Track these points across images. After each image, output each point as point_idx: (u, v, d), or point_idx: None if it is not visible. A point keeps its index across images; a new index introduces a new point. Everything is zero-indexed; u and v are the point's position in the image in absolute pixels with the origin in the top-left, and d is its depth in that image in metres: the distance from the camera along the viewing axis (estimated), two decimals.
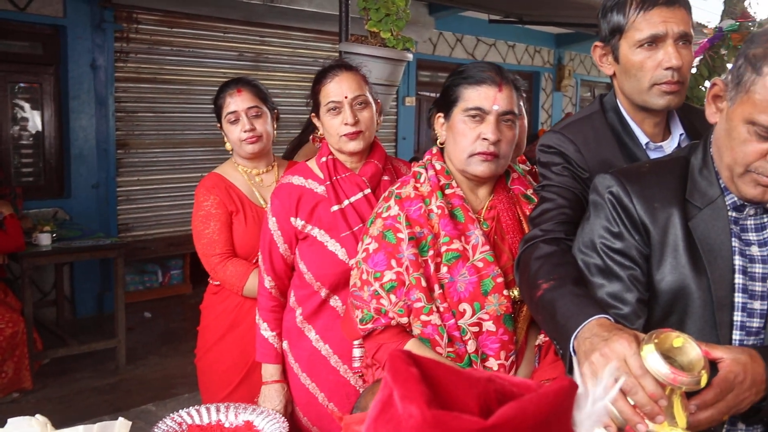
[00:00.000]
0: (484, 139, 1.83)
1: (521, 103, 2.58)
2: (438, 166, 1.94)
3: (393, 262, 1.84)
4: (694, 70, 4.21)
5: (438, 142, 1.98)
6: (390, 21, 3.34)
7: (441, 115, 1.96)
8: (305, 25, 7.34)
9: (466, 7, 7.85)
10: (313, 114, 2.40)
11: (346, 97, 2.27)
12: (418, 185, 1.92)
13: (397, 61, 3.41)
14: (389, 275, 1.84)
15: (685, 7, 1.74)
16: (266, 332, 2.40)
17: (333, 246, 2.26)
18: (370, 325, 1.87)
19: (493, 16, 8.91)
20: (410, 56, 3.49)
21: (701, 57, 4.20)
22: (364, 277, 1.88)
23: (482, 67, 1.90)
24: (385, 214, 1.91)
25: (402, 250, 1.83)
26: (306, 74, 7.39)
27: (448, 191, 1.91)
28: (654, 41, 1.71)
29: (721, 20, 4.24)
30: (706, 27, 4.81)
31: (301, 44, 7.56)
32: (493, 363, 1.82)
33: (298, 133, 3.91)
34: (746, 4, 4.38)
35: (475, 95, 1.86)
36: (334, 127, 2.28)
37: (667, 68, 1.71)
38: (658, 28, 1.70)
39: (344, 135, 2.26)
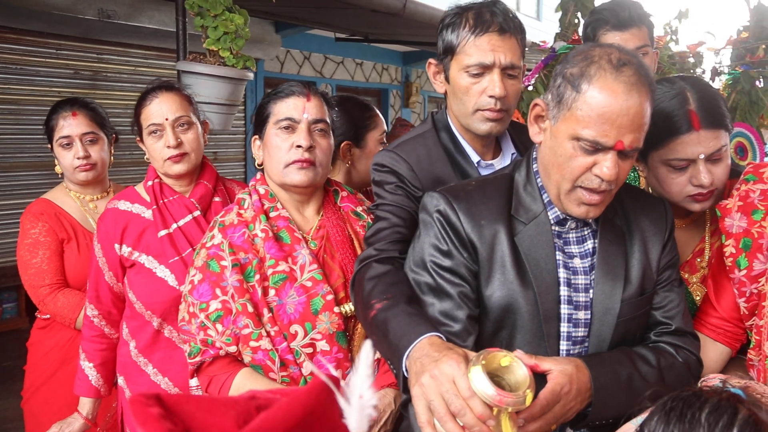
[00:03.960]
0: (298, 146, 1.84)
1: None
2: (262, 191, 1.93)
3: (218, 291, 1.79)
4: (530, 88, 4.45)
5: (256, 164, 1.96)
6: (229, 39, 3.27)
7: (256, 137, 1.96)
8: (146, 43, 7.07)
9: (311, 25, 7.87)
10: (138, 138, 2.31)
11: (167, 119, 2.20)
12: (242, 211, 1.89)
13: (237, 80, 3.35)
14: (215, 305, 1.79)
15: (516, 37, 1.78)
16: (84, 363, 2.30)
17: (162, 272, 2.18)
18: (198, 358, 1.81)
19: (339, 34, 9.00)
20: (251, 75, 3.44)
21: (537, 76, 4.45)
22: (191, 309, 1.83)
23: (290, 83, 1.93)
24: (209, 244, 1.87)
25: (226, 278, 1.79)
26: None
27: (272, 214, 1.89)
28: (481, 69, 1.75)
29: (555, 41, 4.52)
30: (541, 46, 5.11)
31: (142, 62, 7.27)
32: None
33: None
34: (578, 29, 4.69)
35: (285, 107, 1.88)
36: (158, 150, 2.21)
37: (491, 96, 1.75)
38: (487, 56, 1.74)
39: (168, 158, 2.19)
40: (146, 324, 2.22)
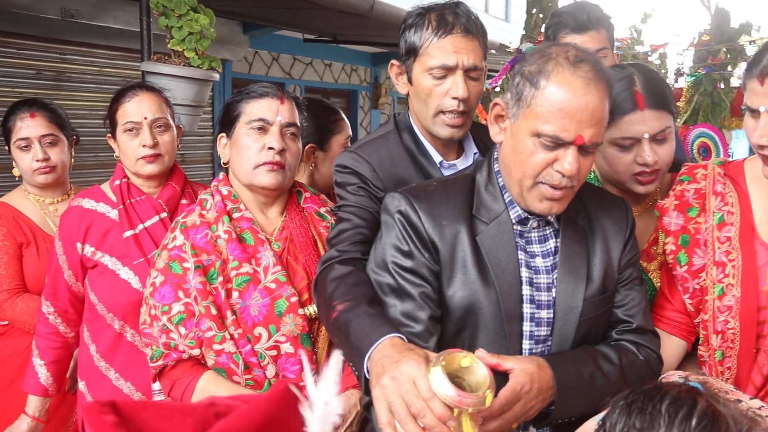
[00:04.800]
0: (270, 148, 1.83)
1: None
2: (225, 191, 1.91)
3: (180, 293, 1.77)
4: (498, 89, 4.48)
5: (222, 162, 1.94)
6: (194, 40, 3.24)
7: (223, 135, 1.93)
8: (111, 43, 6.97)
9: (279, 26, 7.84)
10: (108, 135, 2.28)
11: (145, 118, 2.18)
12: (204, 212, 1.87)
13: (202, 81, 3.32)
14: (177, 307, 1.77)
15: (478, 39, 1.79)
16: (35, 359, 2.27)
17: (126, 274, 2.15)
18: (160, 362, 1.79)
19: (307, 35, 8.97)
20: (217, 76, 3.41)
21: (504, 77, 4.48)
22: (153, 312, 1.80)
23: (263, 85, 1.91)
24: (170, 245, 1.84)
25: (189, 280, 1.77)
26: (113, 94, 7.00)
27: (235, 215, 1.87)
28: (444, 70, 1.76)
29: (521, 43, 4.56)
30: (509, 48, 5.14)
31: (108, 63, 7.17)
32: None
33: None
34: (543, 29, 4.74)
35: (258, 107, 1.86)
36: (132, 149, 2.19)
37: (454, 98, 1.76)
38: (450, 58, 1.74)
39: (142, 158, 2.17)
40: (107, 327, 2.19)
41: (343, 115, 2.61)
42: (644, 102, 1.78)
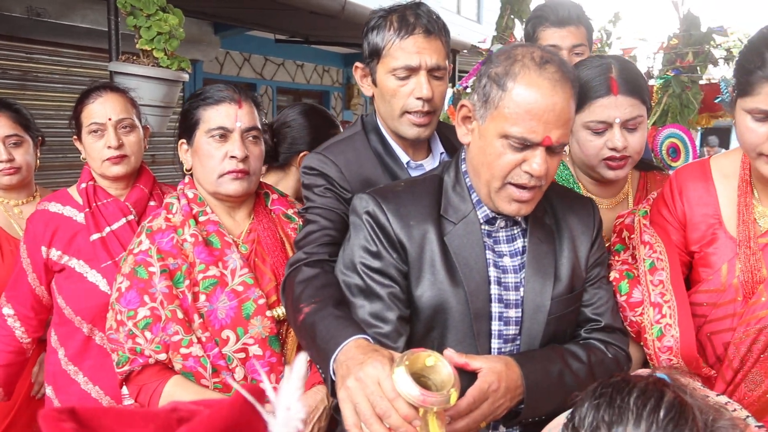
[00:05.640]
0: (232, 157, 1.81)
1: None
2: (191, 195, 1.89)
3: (146, 298, 1.75)
4: (468, 90, 4.49)
5: (185, 169, 1.92)
6: (162, 40, 3.21)
7: (184, 141, 1.91)
8: (79, 42, 6.87)
9: (250, 26, 7.79)
10: (74, 137, 2.25)
11: (110, 119, 2.15)
12: (170, 216, 1.86)
13: (172, 81, 3.29)
14: (143, 312, 1.75)
15: (441, 38, 1.80)
16: None
17: (93, 277, 2.13)
18: (126, 367, 1.76)
19: (279, 35, 8.93)
20: (186, 76, 3.39)
21: (475, 77, 4.50)
22: (119, 317, 1.78)
23: (219, 87, 1.88)
24: (136, 250, 1.82)
25: (154, 284, 1.75)
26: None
27: (202, 218, 1.86)
28: (407, 71, 1.76)
29: (492, 44, 4.59)
30: (481, 48, 5.17)
31: (75, 62, 7.07)
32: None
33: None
34: (515, 32, 4.77)
35: (216, 114, 1.83)
36: (97, 150, 2.16)
37: (418, 98, 1.76)
38: (413, 59, 1.75)
39: (107, 159, 2.14)
40: (76, 331, 2.16)
41: (342, 129, 2.59)
42: (618, 88, 1.83)
